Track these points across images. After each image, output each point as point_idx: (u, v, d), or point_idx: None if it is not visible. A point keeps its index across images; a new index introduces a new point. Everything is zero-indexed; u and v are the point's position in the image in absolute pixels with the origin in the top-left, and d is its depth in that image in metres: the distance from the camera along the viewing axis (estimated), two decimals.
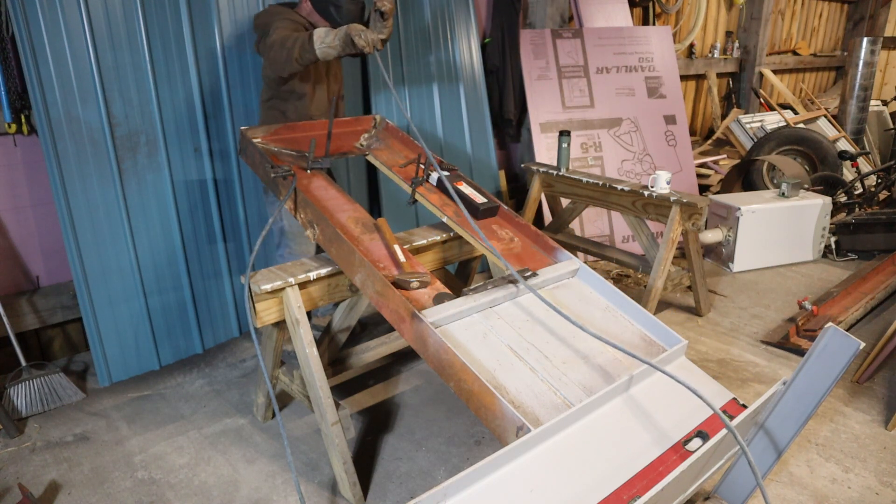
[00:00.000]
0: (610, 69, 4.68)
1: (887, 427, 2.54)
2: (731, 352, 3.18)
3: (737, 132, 6.10)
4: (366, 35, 2.35)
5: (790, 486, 2.23)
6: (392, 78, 3.63)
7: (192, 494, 2.23)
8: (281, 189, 2.38)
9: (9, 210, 2.86)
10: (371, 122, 2.96)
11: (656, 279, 3.14)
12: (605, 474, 1.59)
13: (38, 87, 2.51)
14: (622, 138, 4.64)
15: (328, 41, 2.39)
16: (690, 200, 3.05)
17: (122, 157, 2.73)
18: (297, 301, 2.15)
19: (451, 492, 1.37)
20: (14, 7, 2.42)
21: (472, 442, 2.51)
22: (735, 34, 6.88)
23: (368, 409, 2.75)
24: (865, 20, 8.60)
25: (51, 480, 2.30)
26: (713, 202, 4.28)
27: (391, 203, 3.71)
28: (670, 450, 1.70)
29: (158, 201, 2.86)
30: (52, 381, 2.72)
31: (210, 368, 3.07)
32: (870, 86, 6.20)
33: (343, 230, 2.22)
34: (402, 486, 2.27)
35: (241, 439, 2.54)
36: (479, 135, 4.06)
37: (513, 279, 2.08)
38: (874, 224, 4.33)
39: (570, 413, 1.65)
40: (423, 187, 2.60)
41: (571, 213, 3.76)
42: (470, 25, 3.98)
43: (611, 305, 2.19)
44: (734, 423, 1.69)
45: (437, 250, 2.63)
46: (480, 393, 1.70)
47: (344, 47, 2.39)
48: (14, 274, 2.94)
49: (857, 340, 1.64)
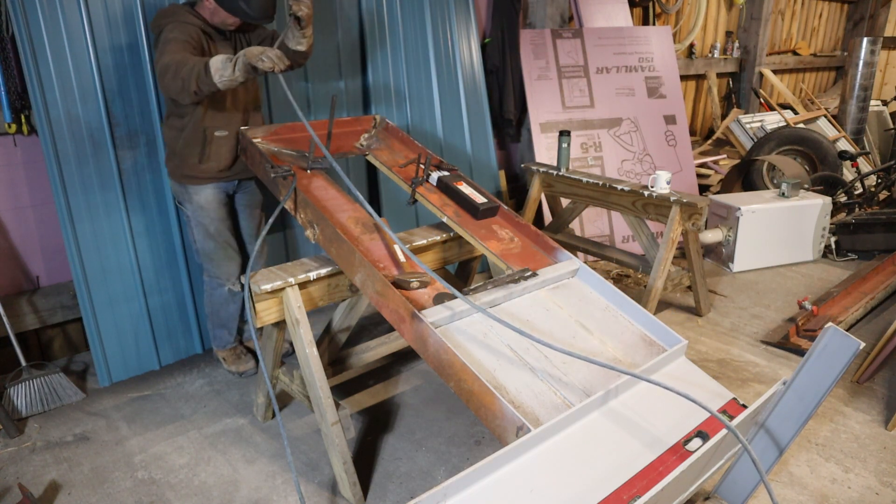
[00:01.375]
0: (610, 69, 4.68)
1: (887, 427, 2.54)
2: (731, 352, 3.18)
3: (737, 132, 6.10)
4: (268, 56, 2.14)
5: (790, 486, 2.23)
6: (392, 78, 3.64)
7: (192, 494, 2.23)
8: (281, 189, 2.37)
9: (9, 210, 2.86)
10: (371, 122, 2.96)
11: (656, 279, 3.14)
12: (605, 474, 1.59)
13: (38, 87, 2.51)
14: (622, 138, 4.64)
15: (227, 75, 2.16)
16: (690, 200, 3.05)
17: (122, 157, 2.73)
18: (297, 301, 2.15)
19: (451, 492, 1.37)
20: (14, 7, 2.42)
21: (472, 442, 2.51)
22: (735, 34, 6.88)
23: (368, 409, 2.75)
24: (865, 20, 8.60)
25: (51, 480, 2.30)
26: (713, 202, 4.28)
27: (391, 203, 3.71)
28: (670, 450, 1.70)
29: (158, 201, 2.86)
30: (52, 381, 2.72)
31: (210, 368, 3.07)
32: (870, 86, 6.20)
33: (343, 230, 2.22)
34: (402, 486, 2.27)
35: (241, 439, 2.54)
36: (479, 135, 4.05)
37: (513, 279, 2.08)
38: (874, 224, 4.33)
39: (570, 413, 1.65)
40: (423, 187, 2.61)
41: (571, 213, 3.76)
42: (470, 25, 3.98)
43: (611, 305, 2.19)
44: (734, 423, 1.69)
45: (437, 250, 2.63)
46: (480, 393, 1.70)
47: (247, 74, 2.19)
48: (14, 274, 2.94)
49: (857, 340, 1.64)
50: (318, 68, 3.31)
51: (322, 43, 3.31)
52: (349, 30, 3.43)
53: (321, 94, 3.34)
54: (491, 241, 2.37)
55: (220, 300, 2.84)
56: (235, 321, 2.95)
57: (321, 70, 3.33)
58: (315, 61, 3.29)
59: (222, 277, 2.78)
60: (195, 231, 2.70)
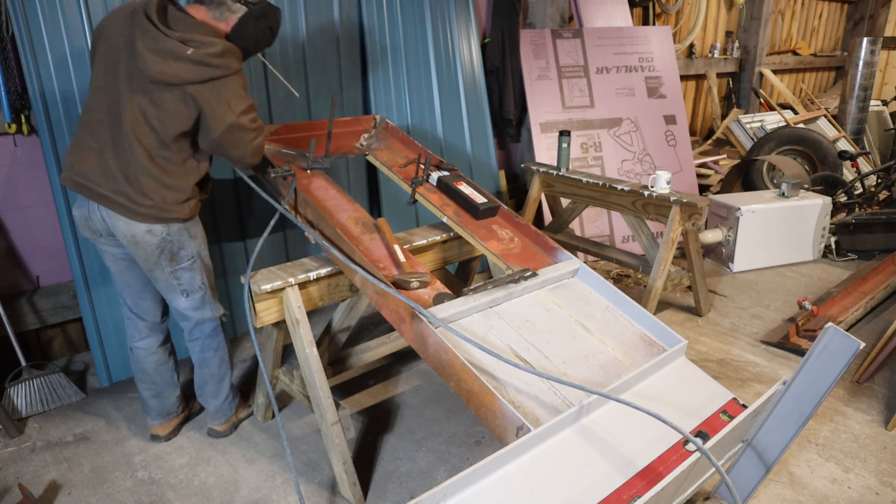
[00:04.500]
0: (610, 69, 4.68)
1: (887, 427, 2.54)
2: (731, 352, 3.18)
3: (737, 132, 6.10)
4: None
5: (790, 486, 2.23)
6: (392, 78, 3.64)
7: (192, 494, 2.23)
8: (281, 189, 2.37)
9: (9, 210, 2.86)
10: (371, 122, 2.96)
11: (656, 279, 3.14)
12: (605, 474, 1.59)
13: (38, 87, 2.51)
14: (622, 138, 4.64)
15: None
16: (690, 200, 3.05)
17: None
18: (297, 301, 2.15)
19: (451, 492, 1.37)
20: (14, 7, 2.42)
21: (472, 442, 2.50)
22: (735, 34, 6.89)
23: (368, 409, 2.75)
24: (865, 20, 8.60)
25: (51, 480, 2.30)
26: (713, 202, 4.28)
27: (391, 203, 3.71)
28: (670, 450, 1.70)
29: None
30: (52, 381, 2.72)
31: None
32: (870, 86, 6.20)
33: (343, 230, 2.22)
34: (402, 486, 2.27)
35: (241, 439, 2.54)
36: (479, 135, 4.05)
37: (513, 279, 2.08)
38: (874, 224, 4.33)
39: (570, 413, 1.65)
40: (423, 187, 2.61)
41: (571, 213, 3.76)
42: (470, 25, 3.98)
43: (611, 305, 2.19)
44: (734, 423, 1.69)
45: (437, 250, 2.63)
46: (480, 393, 1.70)
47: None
48: (14, 274, 2.94)
49: (857, 340, 1.64)
50: (318, 69, 3.31)
51: (322, 43, 3.31)
52: (349, 30, 3.43)
53: (321, 94, 3.34)
54: (491, 241, 2.37)
55: (226, 346, 2.48)
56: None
57: (321, 70, 3.33)
58: (315, 62, 3.29)
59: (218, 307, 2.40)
60: (200, 270, 2.26)
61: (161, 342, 2.42)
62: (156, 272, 2.19)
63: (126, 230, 2.09)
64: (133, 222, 2.07)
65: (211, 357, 2.41)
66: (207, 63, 1.94)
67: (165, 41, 1.92)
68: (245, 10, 2.09)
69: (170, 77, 1.93)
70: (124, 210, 2.05)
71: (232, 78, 2.02)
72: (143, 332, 2.37)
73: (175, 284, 2.22)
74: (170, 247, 2.15)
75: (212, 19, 2.08)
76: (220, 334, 2.40)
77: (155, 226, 2.09)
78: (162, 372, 2.43)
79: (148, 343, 2.38)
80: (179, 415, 2.56)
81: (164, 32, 1.93)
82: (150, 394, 2.44)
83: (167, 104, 1.97)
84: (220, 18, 2.09)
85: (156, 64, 1.92)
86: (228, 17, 2.09)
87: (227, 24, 2.10)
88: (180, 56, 1.92)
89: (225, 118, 2.01)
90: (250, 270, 2.13)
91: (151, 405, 2.46)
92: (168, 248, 2.15)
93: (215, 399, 2.48)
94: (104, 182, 2.04)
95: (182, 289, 2.24)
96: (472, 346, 1.80)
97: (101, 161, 2.03)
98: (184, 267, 2.21)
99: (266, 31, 2.17)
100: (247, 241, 3.21)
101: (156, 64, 1.92)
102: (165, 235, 2.12)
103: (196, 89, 1.96)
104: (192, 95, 1.97)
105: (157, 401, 2.46)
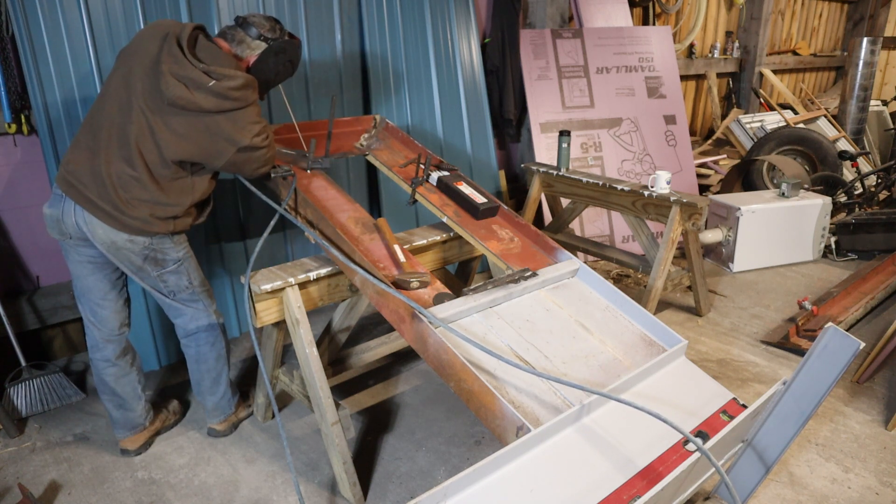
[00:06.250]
0: (610, 69, 4.68)
1: (887, 427, 2.54)
2: (731, 352, 3.18)
3: (737, 132, 6.10)
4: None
5: (790, 486, 2.23)
6: (392, 78, 3.64)
7: (192, 494, 2.23)
8: (281, 189, 2.37)
9: (9, 210, 2.86)
10: (371, 122, 2.96)
11: (656, 279, 3.14)
12: (606, 474, 1.59)
13: (38, 87, 2.51)
14: (622, 138, 4.64)
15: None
16: (690, 200, 3.05)
17: None
18: (297, 301, 2.15)
19: (451, 492, 1.37)
20: (14, 7, 2.43)
21: (472, 442, 2.51)
22: (735, 34, 6.89)
23: (368, 409, 2.75)
24: (865, 20, 8.60)
25: (51, 480, 2.30)
26: (713, 202, 4.28)
27: (391, 203, 3.71)
28: (670, 450, 1.70)
29: None
30: (52, 381, 2.72)
31: None
32: (870, 86, 6.20)
33: (343, 230, 2.22)
34: (402, 486, 2.27)
35: (240, 439, 2.54)
36: (479, 135, 4.06)
37: (513, 279, 2.08)
38: (874, 224, 4.33)
39: (570, 413, 1.65)
40: (423, 187, 2.61)
41: (571, 213, 3.76)
42: (470, 25, 3.98)
43: (611, 305, 2.19)
44: (734, 423, 1.69)
45: (437, 250, 2.63)
46: (480, 393, 1.70)
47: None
48: (14, 274, 2.94)
49: (857, 340, 1.64)
50: (318, 68, 3.31)
51: (322, 43, 3.31)
52: (349, 30, 3.43)
53: (321, 94, 3.34)
54: (491, 241, 2.37)
55: (224, 342, 2.47)
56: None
57: (321, 70, 3.33)
58: (315, 62, 3.29)
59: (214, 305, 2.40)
60: (189, 271, 2.27)
61: (119, 353, 2.33)
62: (141, 274, 2.20)
63: (105, 237, 2.08)
64: (113, 230, 2.07)
65: (207, 352, 2.39)
66: (227, 96, 2.00)
67: (191, 70, 1.96)
68: (265, 47, 2.16)
69: (187, 103, 1.97)
70: (107, 217, 2.04)
71: (248, 108, 2.08)
72: (100, 342, 2.30)
73: (161, 286, 2.24)
74: (153, 254, 2.16)
75: (235, 52, 2.15)
76: (216, 329, 2.39)
77: (136, 237, 2.10)
78: (123, 384, 2.35)
79: (105, 354, 2.31)
80: (148, 427, 2.47)
81: (190, 62, 1.98)
82: (112, 405, 2.38)
83: (178, 128, 2.01)
84: (241, 55, 2.15)
85: (177, 88, 1.96)
86: (248, 53, 2.16)
87: (248, 60, 2.17)
88: (201, 86, 1.97)
89: (239, 142, 2.07)
90: (250, 270, 2.13)
91: (116, 417, 2.40)
92: (152, 255, 2.16)
93: (212, 396, 2.47)
94: (93, 186, 2.03)
95: (168, 290, 2.25)
96: (472, 345, 1.80)
97: (93, 165, 2.03)
98: (169, 270, 2.21)
99: (287, 64, 2.24)
100: (247, 242, 3.22)
101: (177, 88, 1.96)
102: (148, 244, 2.13)
103: (212, 118, 2.02)
104: (205, 123, 2.02)
105: (121, 413, 2.38)
